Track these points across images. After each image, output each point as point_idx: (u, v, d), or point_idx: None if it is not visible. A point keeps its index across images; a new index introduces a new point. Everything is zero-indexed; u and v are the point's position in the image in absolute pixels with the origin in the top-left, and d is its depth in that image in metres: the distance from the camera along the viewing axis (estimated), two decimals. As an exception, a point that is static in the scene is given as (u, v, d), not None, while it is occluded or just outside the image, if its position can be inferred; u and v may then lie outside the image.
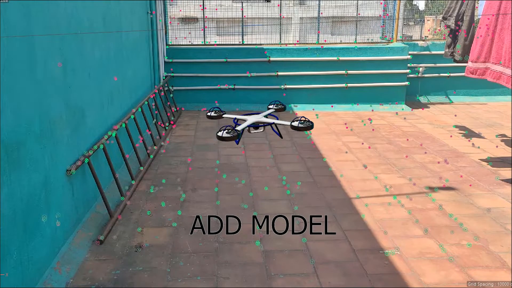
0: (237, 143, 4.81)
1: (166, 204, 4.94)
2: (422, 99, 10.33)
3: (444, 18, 6.58)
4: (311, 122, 4.09)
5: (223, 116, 4.82)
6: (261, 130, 5.25)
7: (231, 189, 5.40)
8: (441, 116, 9.02)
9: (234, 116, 4.70)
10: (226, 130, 4.06)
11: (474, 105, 9.96)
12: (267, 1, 9.86)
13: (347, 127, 8.35)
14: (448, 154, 6.59)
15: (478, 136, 7.52)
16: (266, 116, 4.76)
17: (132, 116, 6.06)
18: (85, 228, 4.18)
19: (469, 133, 7.71)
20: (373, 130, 8.13)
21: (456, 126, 8.15)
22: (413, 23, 13.54)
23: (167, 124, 8.12)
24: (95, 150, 4.48)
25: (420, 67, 10.10)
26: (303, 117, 4.14)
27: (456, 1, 6.30)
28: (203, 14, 9.82)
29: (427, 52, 10.13)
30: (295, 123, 4.12)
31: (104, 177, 4.89)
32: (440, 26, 11.24)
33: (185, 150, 6.98)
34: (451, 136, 7.61)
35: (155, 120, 7.76)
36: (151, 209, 4.81)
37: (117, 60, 5.98)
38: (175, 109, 9.24)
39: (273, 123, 4.55)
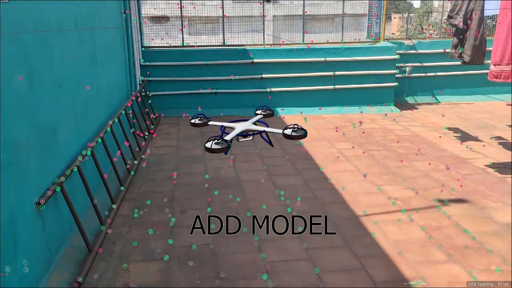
0: (226, 153, 4.38)
1: (154, 231, 4.35)
2: (409, 100, 10.06)
3: (450, 17, 6.23)
4: (305, 130, 3.75)
5: (209, 123, 4.37)
6: (250, 138, 4.83)
7: (225, 208, 4.87)
8: (431, 118, 8.75)
9: (220, 124, 4.20)
10: (215, 141, 3.61)
11: (461, 104, 9.77)
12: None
13: (337, 130, 7.95)
14: (449, 161, 6.27)
15: (474, 139, 7.25)
16: (255, 123, 4.34)
17: (109, 129, 5.42)
18: (59, 268, 3.55)
19: (463, 135, 7.44)
20: (363, 132, 7.76)
21: (449, 128, 7.88)
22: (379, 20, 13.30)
23: (146, 133, 7.48)
24: (68, 174, 3.85)
25: (407, 66, 9.82)
26: (296, 124, 3.77)
27: (463, 0, 5.95)
28: (181, 12, 9.19)
29: (413, 51, 9.86)
30: (288, 131, 3.74)
31: (80, 203, 4.26)
32: (407, 24, 10.96)
33: (168, 163, 6.38)
34: (440, 136, 7.35)
35: (133, 129, 7.11)
36: (137, 238, 4.22)
37: (92, 66, 5.33)
38: (154, 116, 8.59)
39: (264, 131, 4.21)
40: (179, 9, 9.27)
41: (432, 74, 9.91)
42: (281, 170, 6.04)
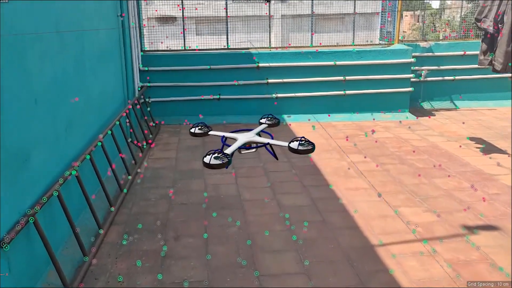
0: (227, 167, 4.01)
1: (143, 262, 3.87)
2: (426, 105, 9.46)
3: (478, 20, 5.63)
4: (313, 143, 3.40)
5: (209, 133, 3.95)
6: (253, 151, 4.46)
7: (223, 234, 4.36)
8: (450, 126, 8.14)
9: (222, 134, 3.81)
10: (215, 155, 3.19)
11: (483, 111, 9.14)
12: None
13: (347, 139, 7.40)
14: (473, 177, 5.69)
15: (499, 151, 6.65)
16: (259, 134, 3.96)
17: (100, 143, 4.95)
18: (30, 314, 3.08)
19: (487, 147, 6.84)
20: (376, 142, 7.22)
21: (471, 139, 7.28)
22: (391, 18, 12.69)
23: (144, 143, 7.02)
24: (44, 203, 3.38)
25: (423, 70, 9.22)
26: (303, 137, 3.42)
27: (493, 0, 5.34)
28: (182, 14, 8.70)
29: (430, 54, 9.25)
30: (294, 145, 3.37)
31: (61, 231, 3.79)
32: (419, 21, 10.28)
33: (165, 178, 5.89)
34: (460, 146, 6.79)
35: (129, 139, 6.64)
36: (123, 272, 3.74)
37: (79, 75, 4.85)
38: (153, 124, 8.12)
39: (268, 143, 3.75)
40: (181, 10, 8.78)
41: (451, 78, 9.29)
42: (286, 187, 5.52)
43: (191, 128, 3.94)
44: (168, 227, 4.53)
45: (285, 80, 8.57)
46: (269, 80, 8.54)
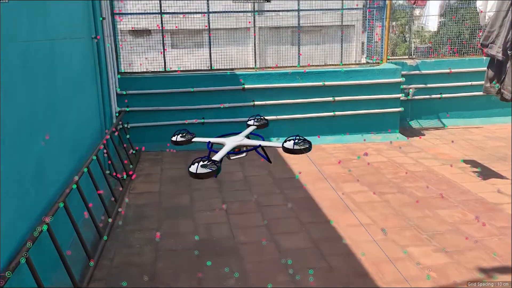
0: (216, 176, 3.74)
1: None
2: (414, 124, 9.27)
3: (484, 45, 5.38)
4: (309, 141, 3.23)
5: (193, 140, 3.74)
6: (244, 155, 4.22)
7: (220, 289, 3.90)
8: (442, 147, 7.93)
9: (207, 140, 3.61)
10: (201, 163, 2.92)
11: (470, 129, 9.01)
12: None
13: (339, 162, 7.09)
14: (476, 206, 5.42)
15: (497, 175, 6.44)
16: (248, 137, 3.78)
17: (75, 186, 4.41)
18: None
19: (483, 171, 6.63)
20: (369, 164, 6.94)
21: (465, 161, 7.06)
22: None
23: (124, 174, 6.47)
24: (13, 269, 2.85)
25: (410, 88, 9.04)
26: (298, 135, 3.25)
27: (500, 26, 5.11)
28: (162, 33, 8.23)
29: (417, 72, 9.09)
30: (289, 144, 3.19)
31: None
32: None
33: (149, 218, 5.37)
34: (451, 165, 6.67)
35: (108, 171, 6.09)
36: None
37: (50, 109, 4.32)
38: (133, 151, 7.58)
39: (260, 145, 3.54)
40: (159, 28, 8.30)
41: (438, 96, 9.14)
42: (284, 226, 5.10)
43: (173, 137, 3.72)
44: (156, 281, 4.02)
45: (272, 102, 8.20)
46: (256, 102, 8.15)
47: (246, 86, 8.07)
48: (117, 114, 7.47)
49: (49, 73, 4.38)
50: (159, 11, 8.06)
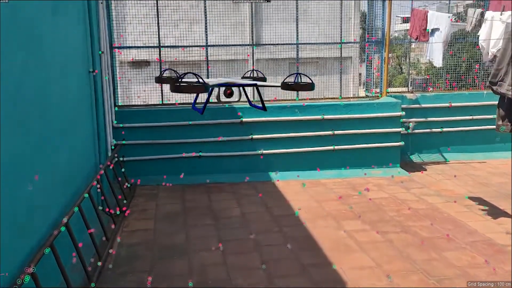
0: (201, 112, 3.75)
1: None
2: (415, 158, 9.12)
3: (492, 83, 5.28)
4: (311, 80, 3.19)
5: (181, 81, 3.26)
6: (236, 100, 4.11)
7: None
8: (445, 183, 7.76)
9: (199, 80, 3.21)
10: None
11: (473, 164, 8.85)
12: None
13: (340, 198, 6.90)
14: (484, 248, 5.20)
15: (504, 214, 6.24)
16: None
17: (64, 228, 4.19)
18: None
19: (490, 209, 6.43)
20: (370, 199, 6.76)
21: (470, 198, 6.88)
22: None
23: (117, 210, 6.24)
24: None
25: (410, 122, 8.94)
26: (299, 73, 3.23)
27: (508, 64, 5.02)
28: (160, 66, 8.18)
29: (417, 106, 9.02)
30: (290, 80, 3.12)
31: None
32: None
33: (142, 258, 5.12)
34: (455, 201, 6.56)
35: (101, 207, 5.87)
36: None
37: (42, 147, 4.16)
38: (128, 184, 7.36)
39: (255, 84, 3.58)
40: (157, 59, 8.27)
41: (438, 130, 9.04)
42: (284, 268, 4.85)
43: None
44: (147, 331, 3.75)
45: (271, 135, 8.07)
46: (254, 136, 8.02)
47: (244, 119, 7.96)
48: (113, 147, 7.30)
49: (42, 109, 4.24)
50: (158, 44, 8.04)
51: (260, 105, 3.81)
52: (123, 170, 7.39)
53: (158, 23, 7.93)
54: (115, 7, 8.42)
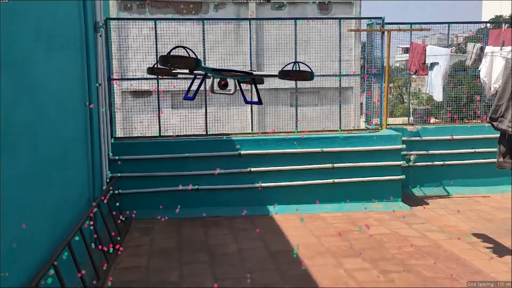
0: (193, 97, 3.78)
1: None
2: (417, 192, 8.94)
3: (493, 119, 5.18)
4: (310, 69, 3.06)
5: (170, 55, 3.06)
6: (231, 92, 3.93)
7: None
8: (448, 218, 7.56)
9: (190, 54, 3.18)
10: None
11: (476, 198, 8.66)
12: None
13: (340, 233, 6.70)
14: (490, 290, 4.97)
15: (510, 252, 6.02)
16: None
17: (53, 270, 4.02)
18: None
19: (495, 247, 6.20)
20: (371, 235, 6.56)
21: (474, 235, 6.67)
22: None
23: (110, 247, 6.05)
24: None
25: (411, 155, 8.81)
26: (296, 61, 3.15)
27: (509, 100, 4.94)
28: (158, 100, 8.16)
29: (418, 138, 8.92)
30: (287, 67, 3.00)
31: None
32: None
33: (133, 299, 4.91)
34: (458, 238, 6.38)
35: (93, 244, 5.70)
36: None
37: (30, 181, 4.05)
38: (123, 218, 7.19)
39: (251, 73, 3.46)
40: (156, 90, 8.26)
41: (440, 163, 8.90)
42: (280, 311, 4.63)
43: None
44: None
45: (269, 168, 7.94)
46: (252, 169, 7.89)
47: (242, 152, 7.86)
48: (108, 180, 7.18)
49: (32, 141, 4.15)
50: (156, 76, 8.04)
51: (256, 99, 3.72)
52: (118, 204, 7.23)
53: (156, 55, 7.96)
54: (117, 38, 8.52)
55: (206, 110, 8.24)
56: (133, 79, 8.40)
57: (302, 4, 16.20)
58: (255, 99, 4.05)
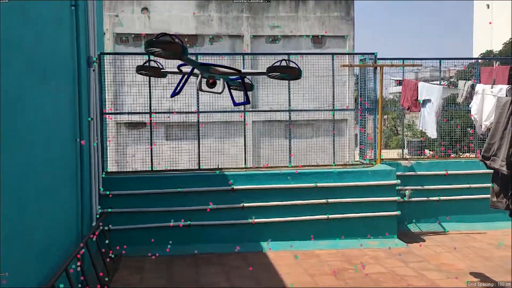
0: (179, 92, 3.76)
1: None
2: (413, 228, 8.81)
3: (485, 158, 5.14)
4: (297, 66, 3.17)
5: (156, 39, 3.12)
6: (219, 91, 3.89)
7: None
8: (445, 256, 7.40)
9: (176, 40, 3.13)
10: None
11: (473, 234, 8.53)
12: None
13: (334, 272, 6.53)
14: (491, 336, 4.79)
15: (508, 292, 5.87)
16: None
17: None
18: None
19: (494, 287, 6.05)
20: (366, 275, 6.41)
21: (472, 274, 6.51)
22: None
23: None
24: None
25: (406, 190, 8.73)
26: (284, 59, 3.28)
27: (501, 138, 4.91)
28: (150, 134, 8.10)
29: (412, 173, 8.86)
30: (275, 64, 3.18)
31: None
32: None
33: None
34: (456, 278, 6.21)
35: (80, 285, 5.48)
36: None
37: (19, 220, 3.90)
38: (112, 255, 6.98)
39: (240, 71, 3.43)
40: (148, 123, 8.23)
41: (436, 198, 8.81)
42: None
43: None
44: None
45: (262, 203, 7.82)
46: (245, 204, 7.76)
47: (235, 187, 7.75)
48: (98, 216, 7.02)
49: (17, 178, 4.03)
50: (149, 110, 8.03)
51: (243, 100, 3.68)
52: (107, 241, 7.03)
53: (150, 91, 7.97)
54: (112, 71, 8.56)
55: (199, 144, 8.18)
56: (125, 113, 8.40)
57: (296, 38, 16.52)
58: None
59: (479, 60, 9.62)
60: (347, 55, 10.59)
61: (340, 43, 16.86)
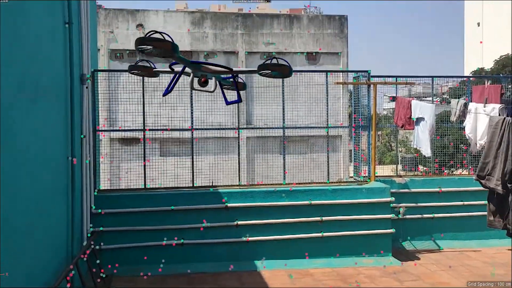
0: (170, 91, 3.77)
1: None
2: (407, 245, 8.75)
3: (480, 177, 5.15)
4: (288, 64, 3.21)
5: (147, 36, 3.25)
6: (211, 90, 3.87)
7: None
8: (441, 275, 7.34)
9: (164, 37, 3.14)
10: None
11: (467, 252, 8.48)
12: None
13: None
14: None
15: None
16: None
17: None
18: None
19: (490, 307, 5.99)
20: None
21: (467, 293, 6.45)
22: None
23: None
24: None
25: (401, 207, 8.70)
26: (274, 57, 3.26)
27: (495, 157, 4.92)
28: (144, 151, 8.04)
29: (406, 190, 8.84)
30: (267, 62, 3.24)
31: None
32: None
33: None
34: None
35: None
36: None
37: (5, 239, 3.82)
38: (103, 275, 6.84)
39: (231, 69, 3.45)
40: (141, 140, 8.18)
41: (430, 215, 8.79)
42: None
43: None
44: None
45: (257, 221, 7.74)
46: (239, 222, 7.68)
47: (229, 204, 7.67)
48: (89, 235, 6.91)
49: (8, 200, 3.96)
50: (143, 127, 7.99)
51: (236, 99, 3.66)
52: (98, 261, 6.90)
53: (143, 108, 7.94)
54: (107, 88, 8.55)
55: (192, 161, 8.13)
56: (119, 130, 8.32)
57: (291, 54, 16.65)
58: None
59: (471, 78, 9.71)
60: (341, 72, 10.65)
61: (334, 59, 17.04)
